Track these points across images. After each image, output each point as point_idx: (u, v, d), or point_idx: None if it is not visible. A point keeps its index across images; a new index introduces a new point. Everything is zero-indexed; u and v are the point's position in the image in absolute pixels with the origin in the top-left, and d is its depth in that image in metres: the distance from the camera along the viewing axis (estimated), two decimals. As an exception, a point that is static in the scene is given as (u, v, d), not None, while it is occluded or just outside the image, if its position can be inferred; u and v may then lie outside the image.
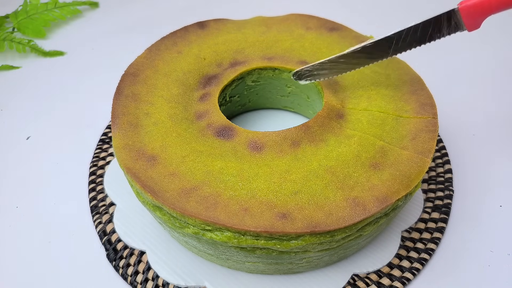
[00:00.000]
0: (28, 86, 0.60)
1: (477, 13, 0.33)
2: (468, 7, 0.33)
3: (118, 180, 0.45)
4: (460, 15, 0.33)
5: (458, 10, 0.33)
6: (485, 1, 0.32)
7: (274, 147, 0.35)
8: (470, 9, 0.33)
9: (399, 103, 0.39)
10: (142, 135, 0.36)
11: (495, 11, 0.32)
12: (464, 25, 0.34)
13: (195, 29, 0.47)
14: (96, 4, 0.78)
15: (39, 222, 0.43)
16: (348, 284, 0.37)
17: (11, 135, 0.53)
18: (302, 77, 0.40)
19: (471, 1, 0.33)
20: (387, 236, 0.40)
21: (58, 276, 0.39)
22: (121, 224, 0.41)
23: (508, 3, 0.32)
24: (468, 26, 0.34)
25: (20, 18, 0.70)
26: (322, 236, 0.30)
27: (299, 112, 0.51)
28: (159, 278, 0.37)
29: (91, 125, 0.53)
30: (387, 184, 0.32)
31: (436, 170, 0.46)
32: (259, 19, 0.50)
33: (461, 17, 0.33)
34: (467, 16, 0.33)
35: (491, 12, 0.32)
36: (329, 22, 0.48)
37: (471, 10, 0.33)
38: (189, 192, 0.32)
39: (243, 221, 0.30)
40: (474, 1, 0.32)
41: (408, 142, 0.35)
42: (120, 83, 0.40)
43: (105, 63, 0.64)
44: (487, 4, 0.32)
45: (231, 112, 0.49)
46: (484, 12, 0.33)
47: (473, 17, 0.33)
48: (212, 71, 0.44)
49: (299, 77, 0.40)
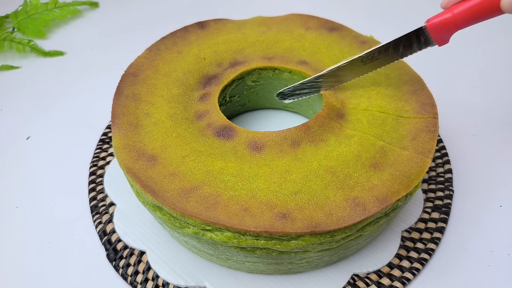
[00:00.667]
0: (28, 86, 0.60)
1: (444, 30, 0.34)
2: (435, 24, 0.34)
3: (118, 180, 0.45)
4: (428, 32, 0.35)
5: (425, 28, 0.35)
6: (449, 18, 0.33)
7: (274, 147, 0.35)
8: (436, 26, 0.34)
9: (400, 103, 0.39)
10: (142, 135, 0.36)
11: (460, 27, 0.34)
12: (433, 41, 0.36)
13: (195, 29, 0.47)
14: (96, 4, 0.78)
15: (39, 222, 0.43)
16: (348, 284, 0.37)
17: (11, 135, 0.53)
18: (285, 97, 0.42)
19: (437, 18, 0.34)
20: (387, 236, 0.40)
21: (58, 276, 0.39)
22: (121, 224, 0.41)
23: (472, 20, 0.33)
24: (437, 41, 0.35)
25: (20, 18, 0.70)
26: (322, 236, 0.30)
27: (299, 112, 0.51)
28: (159, 278, 0.37)
29: (91, 125, 0.53)
30: (387, 184, 0.32)
31: (436, 170, 0.46)
32: (259, 19, 0.50)
33: (429, 34, 0.35)
34: (435, 33, 0.35)
35: (456, 28, 0.34)
36: (329, 22, 0.48)
37: (437, 27, 0.34)
38: (189, 192, 0.32)
39: (243, 221, 0.30)
40: (440, 18, 0.34)
41: (408, 142, 0.35)
42: (120, 83, 0.40)
43: (105, 63, 0.64)
44: (452, 21, 0.33)
45: (231, 112, 0.49)
46: (450, 29, 0.34)
47: (440, 34, 0.35)
48: (212, 71, 0.44)
49: (282, 97, 0.43)
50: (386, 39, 0.55)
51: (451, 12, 0.33)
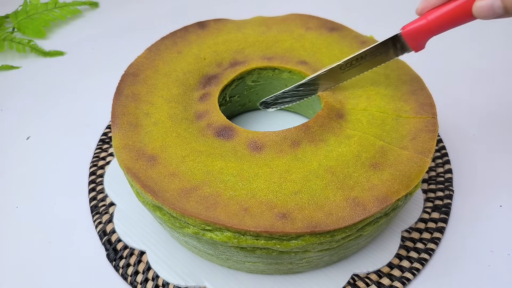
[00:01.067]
0: (28, 86, 0.60)
1: (419, 36, 0.35)
2: (410, 31, 0.35)
3: (118, 180, 0.45)
4: (404, 39, 0.35)
5: (401, 35, 0.35)
6: (424, 25, 0.34)
7: (274, 147, 0.35)
8: (412, 33, 0.35)
9: (399, 103, 0.39)
10: (142, 135, 0.36)
11: (435, 33, 0.34)
12: (409, 47, 0.36)
13: (195, 29, 0.47)
14: (96, 4, 0.78)
15: (39, 222, 0.43)
16: (348, 284, 0.37)
17: (11, 135, 0.53)
18: (269, 106, 0.43)
19: (412, 25, 0.35)
20: (387, 236, 0.40)
21: (58, 276, 0.39)
22: (121, 224, 0.41)
23: (446, 26, 0.34)
24: (413, 47, 0.36)
25: (20, 18, 0.70)
26: (322, 236, 0.30)
27: (299, 112, 0.51)
28: (159, 278, 0.37)
29: (91, 125, 0.53)
30: (387, 184, 0.32)
31: (436, 170, 0.46)
32: (259, 19, 0.50)
33: (405, 41, 0.36)
34: (410, 39, 0.35)
35: (431, 34, 0.34)
36: (329, 22, 0.48)
37: (413, 34, 0.35)
38: (189, 192, 0.32)
39: (243, 221, 0.30)
40: (414, 25, 0.34)
41: (408, 142, 0.35)
42: (120, 83, 0.40)
43: (105, 63, 0.64)
44: (426, 28, 0.34)
45: (231, 112, 0.49)
46: (424, 35, 0.35)
47: (416, 40, 0.35)
48: (212, 71, 0.44)
49: (266, 106, 0.43)
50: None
51: (425, 19, 0.34)
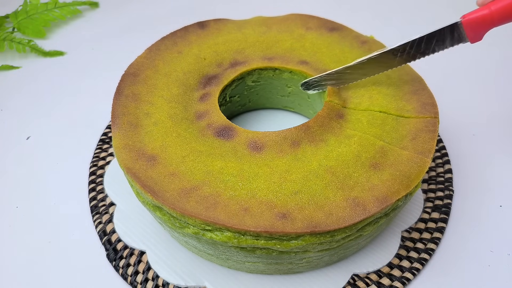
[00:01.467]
0: (28, 86, 0.60)
1: (480, 26, 0.34)
2: (471, 20, 0.34)
3: (118, 180, 0.45)
4: (463, 28, 0.34)
5: (461, 24, 0.34)
6: (487, 14, 0.33)
7: (274, 147, 0.35)
8: (472, 22, 0.34)
9: (401, 103, 0.39)
10: (142, 135, 0.36)
11: (497, 24, 0.33)
12: (467, 37, 0.35)
13: (195, 29, 0.47)
14: (96, 4, 0.78)
15: (39, 222, 0.43)
16: (348, 284, 0.37)
17: (11, 135, 0.53)
18: (310, 87, 0.42)
19: (473, 14, 0.33)
20: (387, 236, 0.40)
21: (58, 276, 0.38)
22: (121, 224, 0.41)
23: (509, 17, 0.32)
24: (471, 38, 0.35)
25: (20, 18, 0.70)
26: (322, 236, 0.30)
27: (299, 112, 0.51)
28: (159, 278, 0.37)
29: (91, 125, 0.53)
30: (387, 184, 0.32)
31: (436, 170, 0.46)
32: (259, 19, 0.50)
33: (464, 30, 0.34)
34: (470, 29, 0.34)
35: (493, 25, 0.33)
36: (329, 22, 0.48)
37: (473, 24, 0.34)
38: (189, 192, 0.32)
39: (243, 221, 0.30)
40: (476, 14, 0.33)
41: (408, 142, 0.35)
42: (120, 83, 0.40)
43: (105, 63, 0.64)
44: (489, 18, 0.33)
45: (231, 112, 0.49)
46: (486, 25, 0.34)
47: (476, 30, 0.34)
48: (212, 71, 0.44)
49: (307, 87, 0.42)
50: (386, 39, 0.55)
51: (489, 9, 0.33)
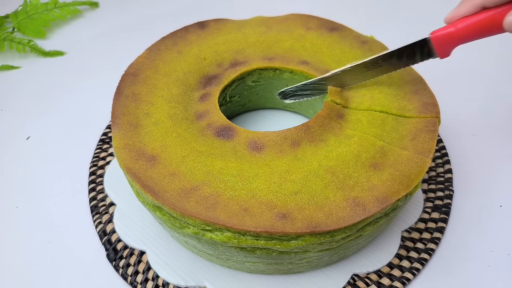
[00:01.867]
0: (28, 86, 0.60)
1: (447, 43, 0.35)
2: (439, 37, 0.35)
3: (118, 180, 0.45)
4: (432, 44, 0.36)
5: (430, 39, 0.36)
6: (453, 32, 0.34)
7: (274, 147, 0.35)
8: (440, 39, 0.35)
9: (402, 102, 0.39)
10: (142, 135, 0.36)
11: (463, 41, 0.35)
12: (436, 53, 0.36)
13: (195, 29, 0.47)
14: (96, 4, 0.78)
15: (39, 222, 0.43)
16: (348, 284, 0.37)
17: (11, 135, 0.53)
18: (287, 97, 0.43)
19: (441, 31, 0.35)
20: (387, 236, 0.40)
21: (58, 276, 0.39)
22: (121, 224, 0.41)
23: (474, 35, 0.34)
24: (440, 54, 0.36)
25: (20, 18, 0.70)
26: (322, 236, 0.30)
27: (299, 112, 0.51)
28: (159, 278, 0.37)
29: (91, 125, 0.53)
30: (387, 184, 0.32)
31: (436, 170, 0.46)
32: (259, 19, 0.50)
33: (433, 46, 0.36)
34: (438, 45, 0.35)
35: (459, 42, 0.35)
36: (329, 22, 0.48)
37: (441, 40, 0.35)
38: (189, 192, 0.32)
39: (243, 221, 0.30)
40: (443, 32, 0.35)
41: (408, 142, 0.35)
42: (120, 83, 0.40)
43: (105, 63, 0.64)
44: (455, 35, 0.34)
45: (231, 112, 0.49)
46: (453, 42, 0.35)
47: (444, 46, 0.35)
48: (212, 71, 0.44)
49: (284, 97, 0.43)
50: (386, 39, 0.55)
51: (455, 27, 0.34)
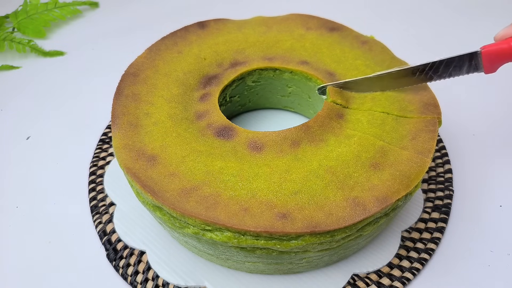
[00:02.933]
0: (28, 86, 0.60)
1: (497, 58, 0.35)
2: (490, 51, 0.35)
3: (118, 180, 0.45)
4: (482, 58, 0.36)
5: (480, 53, 0.36)
6: (506, 48, 0.34)
7: (274, 147, 0.35)
8: (491, 54, 0.35)
9: (403, 103, 0.39)
10: (142, 135, 0.36)
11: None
12: (483, 67, 0.36)
13: (195, 29, 0.47)
14: (96, 4, 0.78)
15: (39, 222, 0.43)
16: (348, 284, 0.37)
17: (11, 135, 0.53)
18: (325, 93, 0.42)
19: (493, 47, 0.35)
20: (387, 236, 0.40)
21: (58, 276, 0.39)
22: (121, 224, 0.41)
23: None
24: (486, 69, 0.36)
25: (20, 18, 0.70)
26: (322, 236, 0.30)
27: (299, 112, 0.51)
28: (159, 278, 0.37)
29: (91, 125, 0.53)
30: (387, 184, 0.32)
31: (436, 170, 0.46)
32: (259, 19, 0.50)
33: (482, 60, 0.36)
34: (488, 60, 0.35)
35: (509, 59, 0.35)
36: (330, 22, 0.48)
37: (492, 55, 0.35)
38: (189, 192, 0.32)
39: (243, 221, 0.30)
40: (496, 47, 0.35)
41: (408, 142, 0.35)
42: (120, 83, 0.40)
43: (105, 63, 0.64)
44: (507, 52, 0.34)
45: (231, 112, 0.49)
46: (503, 59, 0.35)
47: (493, 62, 0.35)
48: (212, 71, 0.44)
49: (323, 93, 0.42)
50: (386, 39, 0.55)
51: (508, 44, 0.34)
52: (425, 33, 0.68)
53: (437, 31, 0.68)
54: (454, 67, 0.37)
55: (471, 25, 0.69)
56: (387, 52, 0.45)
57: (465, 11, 0.72)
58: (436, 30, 0.68)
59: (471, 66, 0.37)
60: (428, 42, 0.66)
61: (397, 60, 0.44)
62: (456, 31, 0.68)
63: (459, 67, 0.37)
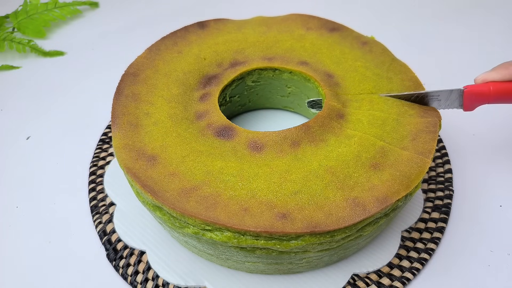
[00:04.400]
0: (28, 86, 0.60)
1: (477, 99, 0.38)
2: (472, 92, 0.37)
3: (118, 180, 0.45)
4: (463, 96, 0.38)
5: (462, 92, 0.38)
6: (486, 91, 0.37)
7: (274, 147, 0.35)
8: (473, 93, 0.37)
9: (402, 108, 0.39)
10: (142, 135, 0.36)
11: (489, 102, 0.37)
12: (463, 105, 0.38)
13: (195, 29, 0.47)
14: (96, 4, 0.78)
15: (39, 222, 0.43)
16: (348, 284, 0.37)
17: (11, 135, 0.53)
18: (314, 106, 0.44)
19: (474, 88, 0.37)
20: (387, 236, 0.40)
21: (58, 276, 0.39)
22: (121, 224, 0.41)
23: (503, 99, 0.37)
24: (466, 106, 0.39)
25: (20, 18, 0.70)
26: (322, 236, 0.30)
27: (299, 112, 0.51)
28: (159, 278, 0.37)
29: (91, 125, 0.53)
30: (387, 184, 0.32)
31: (436, 170, 0.46)
32: (259, 19, 0.50)
33: (462, 98, 0.38)
34: (468, 98, 0.38)
35: (486, 102, 0.38)
36: (330, 22, 0.48)
37: (473, 95, 0.38)
38: (189, 192, 0.32)
39: (243, 221, 0.30)
40: (477, 88, 0.37)
41: (408, 143, 0.35)
42: (120, 83, 0.40)
43: (105, 63, 0.64)
44: (487, 95, 0.37)
45: (231, 112, 0.49)
46: (482, 100, 0.38)
47: (473, 101, 0.38)
48: (212, 71, 0.44)
49: (312, 106, 0.44)
50: (386, 39, 0.55)
51: (489, 88, 0.37)
52: (425, 34, 0.68)
53: (437, 31, 0.68)
54: (436, 99, 0.39)
55: (471, 25, 0.69)
56: (388, 53, 0.45)
57: (465, 11, 0.72)
58: (436, 31, 0.68)
59: (451, 102, 0.39)
60: (429, 42, 0.66)
61: (397, 61, 0.44)
62: (456, 31, 0.68)
63: (438, 100, 0.39)
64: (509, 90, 0.36)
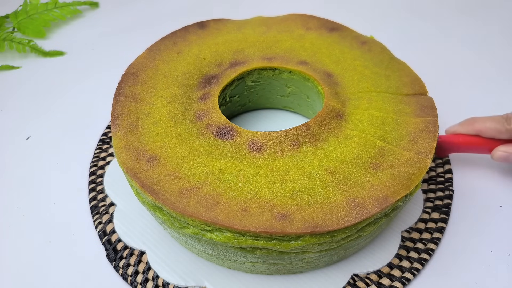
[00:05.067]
0: (28, 86, 0.60)
1: (448, 147, 0.42)
2: (444, 141, 0.42)
3: (118, 180, 0.45)
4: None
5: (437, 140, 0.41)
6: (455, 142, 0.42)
7: (274, 147, 0.35)
8: (444, 143, 0.42)
9: (400, 105, 0.39)
10: (142, 135, 0.36)
11: (460, 151, 0.42)
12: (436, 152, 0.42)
13: (195, 29, 0.47)
14: (96, 4, 0.78)
15: (39, 222, 0.43)
16: (348, 284, 0.37)
17: (11, 135, 0.53)
18: None
19: (446, 138, 0.42)
20: (387, 236, 0.40)
21: (58, 276, 0.39)
22: (121, 224, 0.41)
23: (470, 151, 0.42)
24: (438, 152, 0.43)
25: (20, 18, 0.70)
26: (322, 236, 0.30)
27: (299, 112, 0.51)
28: (159, 278, 0.37)
29: (91, 125, 0.53)
30: (387, 184, 0.32)
31: (436, 170, 0.46)
32: (259, 19, 0.50)
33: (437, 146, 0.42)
34: (440, 147, 0.42)
35: (457, 150, 0.42)
36: (329, 22, 0.48)
37: (444, 144, 0.42)
38: (189, 192, 0.32)
39: (243, 222, 0.30)
40: (448, 139, 0.42)
41: (408, 143, 0.35)
42: (120, 83, 0.40)
43: (105, 63, 0.64)
44: (457, 144, 0.42)
45: (231, 112, 0.49)
46: (453, 149, 0.42)
47: (444, 150, 0.42)
48: (212, 71, 0.44)
49: None
50: (386, 39, 0.55)
51: (457, 140, 0.42)
52: (425, 33, 0.68)
53: (437, 31, 0.68)
54: None
55: (471, 25, 0.69)
56: (387, 52, 0.45)
57: (465, 11, 0.72)
58: (436, 30, 0.68)
59: None
60: (428, 42, 0.66)
61: (396, 60, 0.44)
62: (456, 31, 0.68)
63: None
64: (475, 144, 0.41)
